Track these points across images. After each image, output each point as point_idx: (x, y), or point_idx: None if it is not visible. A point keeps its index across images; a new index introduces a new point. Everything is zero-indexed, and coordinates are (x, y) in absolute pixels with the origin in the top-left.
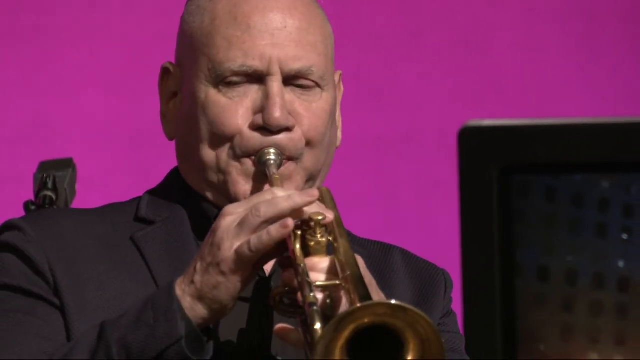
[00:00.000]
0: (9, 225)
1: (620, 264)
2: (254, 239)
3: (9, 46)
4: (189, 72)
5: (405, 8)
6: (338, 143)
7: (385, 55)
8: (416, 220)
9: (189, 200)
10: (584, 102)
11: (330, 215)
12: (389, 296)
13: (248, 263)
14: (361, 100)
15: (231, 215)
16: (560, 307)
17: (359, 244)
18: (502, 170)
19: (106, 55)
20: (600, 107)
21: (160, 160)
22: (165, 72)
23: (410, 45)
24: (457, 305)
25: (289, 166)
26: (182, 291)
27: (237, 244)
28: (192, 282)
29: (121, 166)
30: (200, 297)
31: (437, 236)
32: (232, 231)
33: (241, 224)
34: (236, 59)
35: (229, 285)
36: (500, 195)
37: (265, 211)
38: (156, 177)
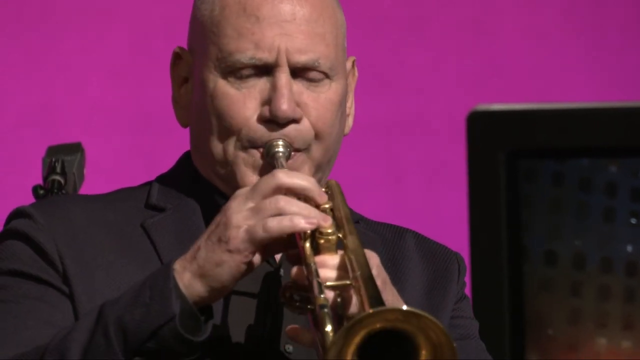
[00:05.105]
0: (19, 212)
1: (629, 248)
2: (272, 221)
3: (15, 32)
4: (199, 60)
5: None
6: (347, 130)
7: (393, 39)
8: (424, 205)
9: (200, 188)
10: (591, 86)
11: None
12: (403, 284)
13: (257, 244)
14: (368, 85)
15: (242, 196)
16: (568, 291)
17: (371, 228)
18: (510, 155)
19: (112, 40)
20: (608, 91)
21: (166, 145)
22: (176, 57)
23: (418, 29)
24: (466, 289)
25: (297, 157)
26: (183, 268)
27: (248, 224)
28: (195, 258)
29: (128, 151)
30: (201, 275)
31: (445, 220)
32: (243, 211)
33: (255, 209)
34: (246, 51)
35: (232, 265)
36: (508, 180)
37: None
38: (163, 162)
